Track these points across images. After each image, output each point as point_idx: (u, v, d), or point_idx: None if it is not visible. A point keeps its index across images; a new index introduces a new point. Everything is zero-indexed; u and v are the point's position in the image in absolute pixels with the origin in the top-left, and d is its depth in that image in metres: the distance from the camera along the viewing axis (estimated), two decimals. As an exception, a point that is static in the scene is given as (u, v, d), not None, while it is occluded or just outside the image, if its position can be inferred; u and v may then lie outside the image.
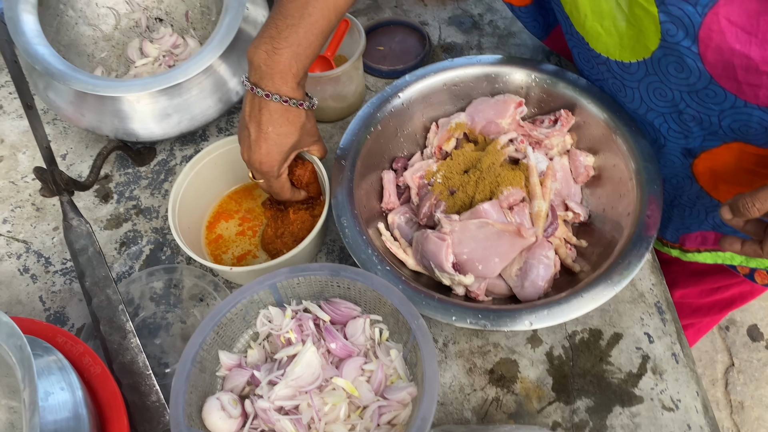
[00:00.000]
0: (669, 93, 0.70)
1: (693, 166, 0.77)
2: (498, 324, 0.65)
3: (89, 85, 0.78)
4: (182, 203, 0.79)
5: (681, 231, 0.89)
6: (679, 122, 0.72)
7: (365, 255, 0.70)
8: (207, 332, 0.64)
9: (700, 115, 0.69)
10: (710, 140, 0.72)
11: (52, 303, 0.81)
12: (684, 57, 0.63)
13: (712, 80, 0.63)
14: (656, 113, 0.74)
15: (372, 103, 0.82)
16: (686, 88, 0.67)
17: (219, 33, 0.81)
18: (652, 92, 0.72)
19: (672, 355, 0.73)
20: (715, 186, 0.77)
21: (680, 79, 0.67)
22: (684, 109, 0.70)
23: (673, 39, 0.63)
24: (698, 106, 0.68)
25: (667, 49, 0.65)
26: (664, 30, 0.63)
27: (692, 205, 0.83)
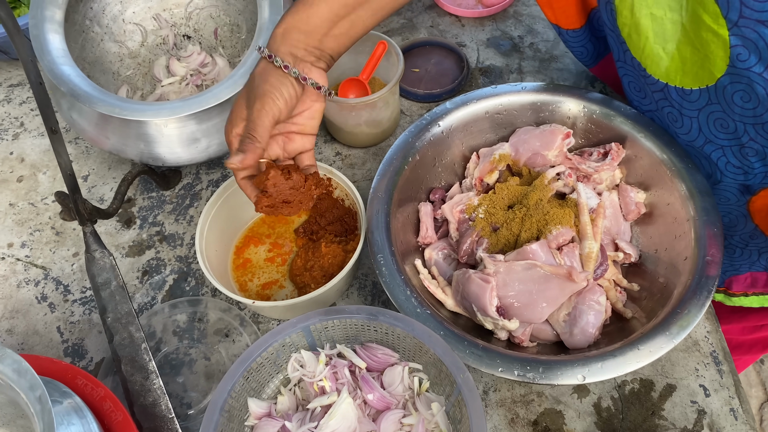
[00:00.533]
0: (731, 124, 0.66)
1: (750, 203, 0.73)
2: (548, 377, 0.60)
3: (115, 108, 0.74)
4: (211, 226, 0.76)
5: (729, 273, 0.84)
6: (740, 156, 0.68)
7: (404, 296, 0.66)
8: (236, 378, 0.60)
9: (764, 149, 0.65)
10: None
11: (71, 334, 0.77)
12: (753, 84, 0.60)
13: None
14: (715, 146, 0.70)
15: (410, 131, 0.78)
16: (751, 120, 0.63)
17: (252, 56, 0.77)
18: (713, 123, 0.68)
19: (730, 411, 0.68)
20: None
21: (746, 110, 0.63)
22: (746, 143, 0.66)
23: (744, 65, 0.59)
24: (763, 139, 0.64)
25: (735, 76, 0.61)
26: (734, 54, 0.59)
27: (744, 245, 0.79)
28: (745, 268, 0.82)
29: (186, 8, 0.97)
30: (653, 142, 0.75)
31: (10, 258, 0.84)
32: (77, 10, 0.88)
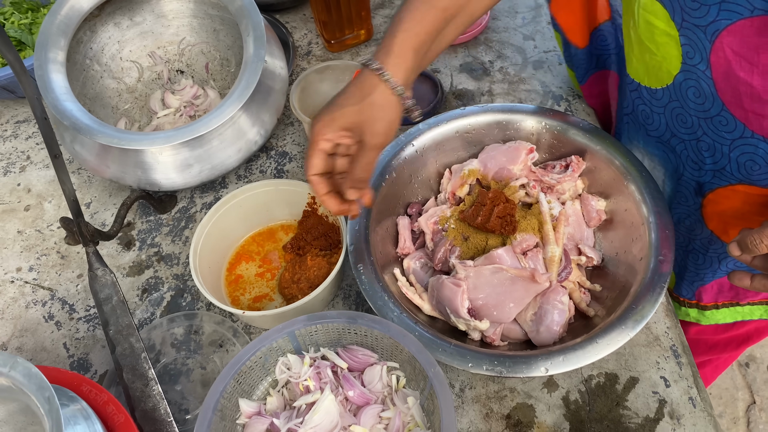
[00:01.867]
0: (689, 119, 0.73)
1: (702, 207, 0.79)
2: (514, 370, 0.66)
3: (114, 139, 0.81)
4: (204, 245, 0.82)
5: (696, 283, 0.89)
6: (696, 151, 0.75)
7: (381, 301, 0.72)
8: (227, 380, 0.65)
9: (714, 144, 0.71)
10: (719, 178, 0.74)
11: (76, 350, 0.83)
12: (701, 81, 0.67)
13: (724, 107, 0.66)
14: (678, 139, 0.77)
15: (387, 151, 0.84)
16: (703, 114, 0.70)
17: (239, 87, 0.84)
18: (675, 118, 0.75)
19: (689, 399, 0.73)
20: (725, 230, 0.78)
21: (698, 105, 0.70)
22: (701, 137, 0.72)
23: (692, 62, 0.66)
24: (713, 134, 0.70)
25: (687, 73, 0.68)
26: (685, 52, 0.67)
27: (705, 251, 0.84)
28: (709, 277, 0.87)
29: (179, 45, 1.04)
30: (611, 153, 0.81)
31: (19, 281, 0.90)
32: (78, 50, 0.95)
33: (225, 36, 1.03)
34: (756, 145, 0.67)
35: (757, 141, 0.66)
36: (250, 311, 0.75)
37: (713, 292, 0.90)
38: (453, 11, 0.70)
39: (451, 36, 0.74)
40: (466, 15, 0.73)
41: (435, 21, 0.68)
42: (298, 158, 0.99)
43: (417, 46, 0.68)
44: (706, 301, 0.92)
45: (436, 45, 0.72)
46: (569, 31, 0.92)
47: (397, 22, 0.68)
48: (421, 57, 0.69)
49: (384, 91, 0.67)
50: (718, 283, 0.88)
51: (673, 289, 0.94)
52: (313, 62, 1.12)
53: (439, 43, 0.72)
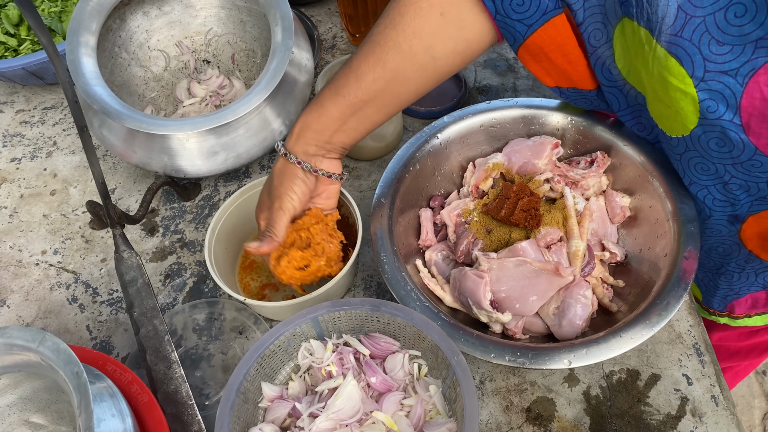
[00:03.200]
0: (712, 167, 0.68)
1: (741, 232, 0.75)
2: (536, 362, 0.66)
3: (143, 124, 0.82)
4: (223, 228, 0.83)
5: (730, 298, 0.86)
6: (725, 192, 0.70)
7: (404, 291, 0.72)
8: (251, 363, 0.66)
9: (747, 183, 0.67)
10: (758, 205, 0.69)
11: (99, 332, 0.84)
12: (726, 131, 0.61)
13: (757, 151, 0.61)
14: (699, 186, 0.72)
15: (411, 143, 0.85)
16: (729, 161, 0.65)
17: (266, 76, 0.85)
18: (694, 167, 0.70)
19: (711, 398, 0.73)
20: (765, 247, 0.74)
21: (723, 153, 0.64)
22: (729, 180, 0.68)
23: (714, 115, 0.61)
24: (744, 175, 0.66)
25: (707, 126, 0.63)
26: (704, 108, 0.61)
27: (741, 270, 0.81)
28: (744, 290, 0.84)
29: (206, 36, 1.05)
30: (636, 150, 0.81)
31: (44, 264, 0.91)
32: (107, 38, 0.96)
33: (252, 27, 1.03)
34: None
35: None
36: (254, 300, 0.75)
37: (747, 306, 0.87)
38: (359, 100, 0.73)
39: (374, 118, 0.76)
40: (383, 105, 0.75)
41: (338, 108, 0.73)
42: (322, 150, 1.00)
43: (318, 128, 0.74)
44: (738, 312, 0.89)
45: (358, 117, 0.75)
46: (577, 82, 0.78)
47: (305, 107, 0.76)
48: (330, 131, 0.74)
49: (283, 163, 0.76)
50: (752, 297, 0.85)
51: (703, 301, 0.91)
52: (338, 56, 1.12)
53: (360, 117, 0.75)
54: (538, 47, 0.73)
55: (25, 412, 0.69)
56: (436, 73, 0.75)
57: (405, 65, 0.72)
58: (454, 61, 0.75)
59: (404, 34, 0.70)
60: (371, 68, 0.71)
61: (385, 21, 0.71)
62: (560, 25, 0.71)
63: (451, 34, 0.72)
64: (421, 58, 0.72)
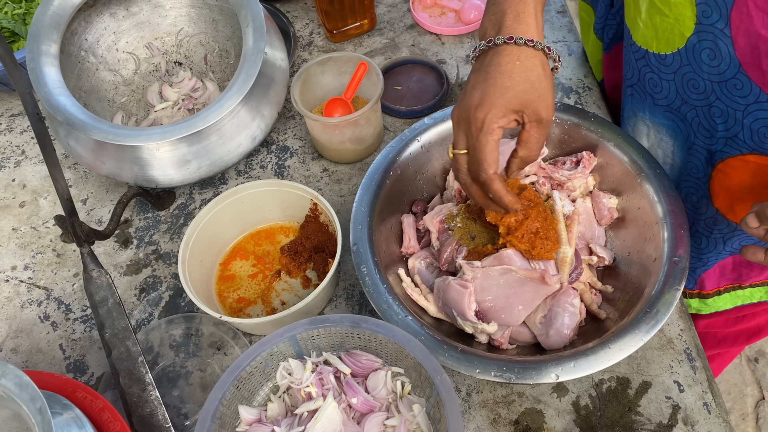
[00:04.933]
0: (701, 84, 0.70)
1: (711, 180, 0.76)
2: (523, 377, 0.63)
3: (109, 135, 0.78)
4: (198, 239, 0.80)
5: (699, 270, 0.87)
6: (708, 117, 0.72)
7: (386, 305, 0.69)
8: (227, 387, 0.63)
9: (727, 109, 0.69)
10: (729, 147, 0.71)
11: (72, 351, 0.81)
12: (717, 41, 0.64)
13: (741, 68, 0.64)
14: (690, 106, 0.74)
15: (391, 147, 0.82)
16: (717, 78, 0.67)
17: (239, 79, 0.81)
18: (686, 83, 0.72)
19: (704, 405, 0.71)
20: (731, 207, 0.76)
21: (712, 68, 0.67)
22: (714, 102, 0.70)
23: (708, 20, 0.64)
24: (726, 99, 0.68)
25: (702, 33, 0.65)
26: (700, 12, 0.64)
27: (709, 232, 0.82)
28: (712, 260, 0.85)
29: (177, 36, 1.01)
30: (623, 150, 0.78)
31: (14, 280, 0.88)
32: (73, 42, 0.92)
33: (224, 26, 1.00)
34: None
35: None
36: (231, 318, 0.73)
37: (715, 277, 0.88)
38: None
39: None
40: None
41: None
42: (299, 153, 0.97)
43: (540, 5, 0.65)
44: (709, 288, 0.90)
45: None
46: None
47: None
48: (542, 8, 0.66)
49: (544, 61, 0.63)
50: (720, 265, 0.85)
51: None
52: (315, 53, 1.09)
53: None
54: None
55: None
56: None
57: None
58: None
59: None
60: None
61: None
62: None
63: None
64: None
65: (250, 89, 0.83)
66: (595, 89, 1.00)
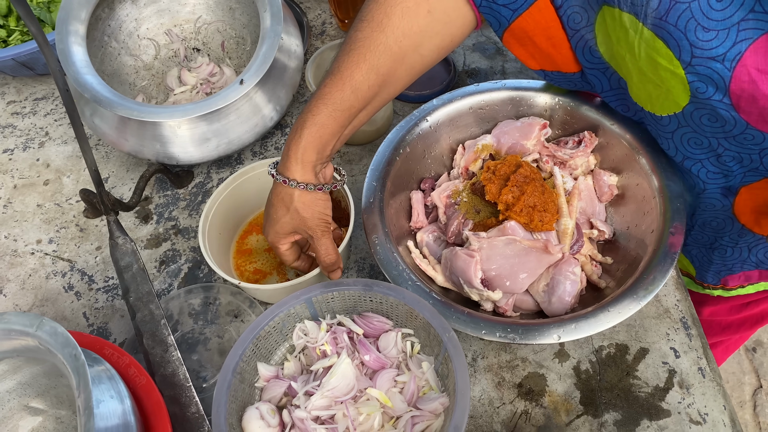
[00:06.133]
0: (705, 141, 0.69)
1: (734, 205, 0.75)
2: (527, 337, 0.67)
3: (134, 111, 0.82)
4: (217, 213, 0.83)
5: (723, 273, 0.87)
6: (718, 164, 0.71)
7: (396, 271, 0.73)
8: (246, 344, 0.67)
9: (740, 155, 0.67)
10: (751, 176, 0.70)
11: (95, 319, 0.85)
12: (717, 110, 0.62)
13: (749, 126, 0.62)
14: (693, 161, 0.73)
15: (401, 127, 0.86)
16: (722, 135, 0.66)
17: (256, 62, 0.86)
18: (687, 142, 0.71)
19: (698, 370, 0.74)
20: (758, 221, 0.75)
21: (715, 128, 0.65)
22: (722, 153, 0.68)
23: (704, 95, 0.62)
24: (737, 147, 0.66)
25: (699, 104, 0.64)
26: (694, 88, 0.62)
27: (734, 244, 0.81)
28: (737, 267, 0.85)
29: (195, 23, 1.06)
30: (623, 129, 0.82)
31: (39, 253, 0.92)
32: (97, 27, 0.96)
33: (241, 14, 1.04)
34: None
35: None
36: (248, 284, 0.76)
37: (740, 281, 0.88)
38: (356, 110, 0.72)
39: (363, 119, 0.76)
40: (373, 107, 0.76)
41: (337, 122, 0.71)
42: (313, 135, 1.01)
43: (320, 147, 0.71)
44: (732, 285, 0.91)
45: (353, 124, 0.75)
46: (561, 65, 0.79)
47: (299, 126, 0.71)
48: (330, 146, 0.72)
49: (300, 195, 0.72)
50: (746, 274, 0.86)
51: (696, 276, 0.92)
52: (327, 41, 1.13)
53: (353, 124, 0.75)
54: (522, 31, 0.74)
55: (24, 397, 0.70)
56: (422, 69, 0.77)
57: (396, 67, 0.72)
58: (439, 55, 0.77)
59: (394, 36, 0.70)
60: (365, 77, 0.70)
61: (369, 23, 0.71)
62: (544, 8, 0.72)
63: (438, 30, 0.73)
64: (410, 57, 0.73)
65: (267, 72, 0.87)
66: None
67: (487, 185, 0.77)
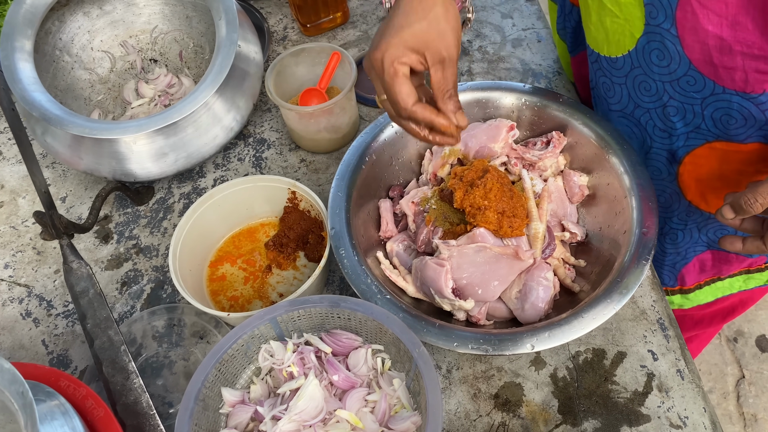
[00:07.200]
0: (653, 85, 0.71)
1: (679, 176, 0.78)
2: (500, 348, 0.65)
3: (85, 129, 0.79)
4: (183, 248, 0.79)
5: (678, 265, 0.88)
6: (663, 118, 0.73)
7: (365, 285, 0.71)
8: (209, 369, 0.64)
9: (683, 106, 0.70)
10: (693, 138, 0.72)
11: (55, 346, 0.81)
12: (665, 41, 0.65)
13: (691, 65, 0.65)
14: (643, 110, 0.75)
15: (366, 133, 0.83)
16: (668, 77, 0.69)
17: (212, 72, 0.82)
18: (638, 86, 0.73)
19: (677, 372, 0.73)
20: (704, 197, 0.77)
21: (662, 68, 0.68)
22: (668, 102, 0.71)
23: (655, 21, 0.65)
24: (681, 96, 0.69)
25: (651, 35, 0.67)
26: (647, 12, 0.65)
27: (683, 226, 0.83)
28: (690, 253, 0.86)
29: (151, 34, 1.02)
30: (591, 128, 0.80)
31: (-6, 279, 0.88)
32: (47, 41, 0.93)
33: (198, 23, 1.01)
34: (729, 100, 0.66)
35: (730, 96, 0.65)
36: (234, 312, 0.73)
37: (696, 272, 0.89)
38: None
39: None
40: None
41: None
42: (276, 145, 0.98)
43: None
44: (689, 283, 0.91)
45: None
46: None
47: None
48: None
49: (447, 3, 0.61)
50: (699, 260, 0.87)
51: None
52: (289, 47, 1.10)
53: None
54: None
55: (-24, 434, 0.67)
56: None
57: None
58: None
59: None
60: None
61: None
62: None
63: None
64: None
65: (225, 81, 0.84)
66: (564, 73, 1.02)
67: (456, 192, 0.74)
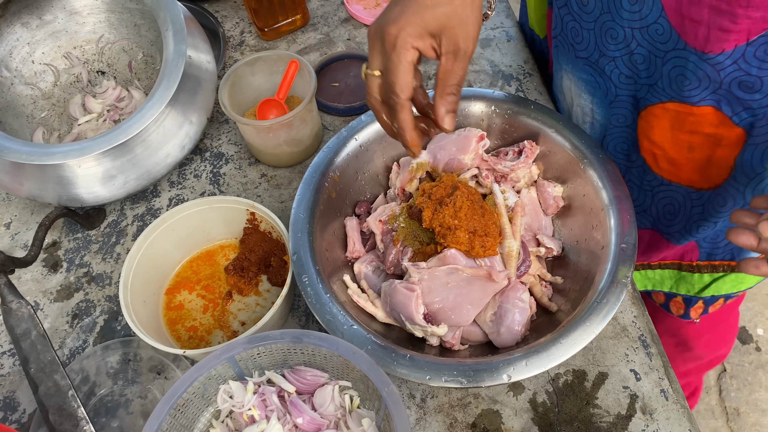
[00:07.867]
0: (620, 32, 0.69)
1: (639, 128, 0.76)
2: (475, 380, 0.61)
3: (23, 155, 0.73)
4: (136, 278, 0.73)
5: None
6: (630, 65, 0.71)
7: (330, 315, 0.66)
8: (162, 418, 0.59)
9: (649, 55, 0.69)
10: (652, 94, 0.71)
11: (1, 388, 0.76)
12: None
13: (663, 12, 0.63)
14: (608, 59, 0.73)
15: (329, 148, 0.78)
16: (638, 23, 0.67)
17: (161, 86, 0.77)
18: (605, 33, 0.71)
19: (661, 392, 0.70)
20: (655, 159, 0.77)
21: (633, 13, 0.66)
22: (635, 49, 0.69)
23: None
24: (648, 44, 0.68)
25: None
26: None
27: (639, 184, 0.83)
28: (642, 219, 0.86)
29: (97, 44, 0.96)
30: (565, 136, 0.76)
31: (-66, 316, 0.82)
32: (-19, 56, 0.86)
33: (147, 31, 0.94)
34: (687, 58, 0.65)
35: (689, 54, 0.64)
36: (191, 350, 0.68)
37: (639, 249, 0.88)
38: None
39: None
40: None
41: None
42: (235, 159, 0.92)
43: None
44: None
45: None
46: None
47: None
48: None
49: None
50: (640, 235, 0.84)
51: None
52: (247, 52, 1.04)
53: None
54: None
55: None
56: None
57: None
58: None
59: None
60: None
61: None
62: None
63: None
64: None
65: (175, 95, 0.78)
66: (536, 75, 0.98)
67: (424, 211, 0.70)
